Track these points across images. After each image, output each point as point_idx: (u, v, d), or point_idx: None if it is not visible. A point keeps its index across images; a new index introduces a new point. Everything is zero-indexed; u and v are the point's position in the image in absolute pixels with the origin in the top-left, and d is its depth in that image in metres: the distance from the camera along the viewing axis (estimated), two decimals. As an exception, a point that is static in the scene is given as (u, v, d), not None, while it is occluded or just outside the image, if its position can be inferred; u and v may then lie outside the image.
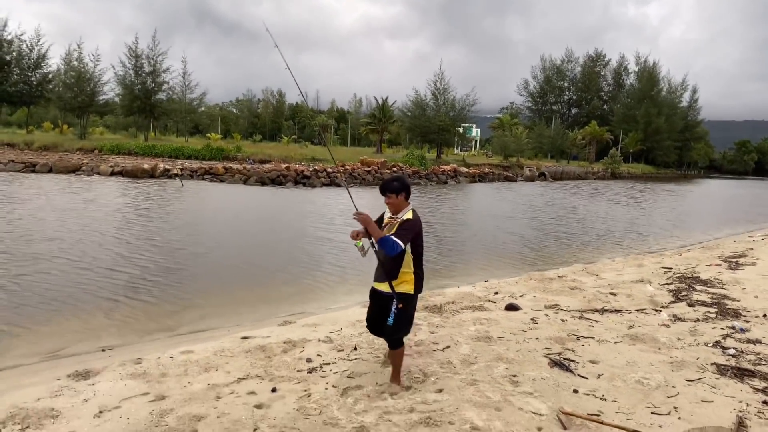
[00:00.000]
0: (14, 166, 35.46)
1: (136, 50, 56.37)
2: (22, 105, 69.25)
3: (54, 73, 62.49)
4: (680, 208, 35.39)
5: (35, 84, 62.73)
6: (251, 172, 36.78)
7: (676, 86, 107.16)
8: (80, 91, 56.24)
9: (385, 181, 4.71)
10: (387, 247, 4.34)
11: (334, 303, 9.19)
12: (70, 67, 58.52)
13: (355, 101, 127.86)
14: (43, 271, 10.53)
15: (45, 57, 61.85)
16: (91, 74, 57.47)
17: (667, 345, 6.19)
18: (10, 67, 61.73)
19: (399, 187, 4.64)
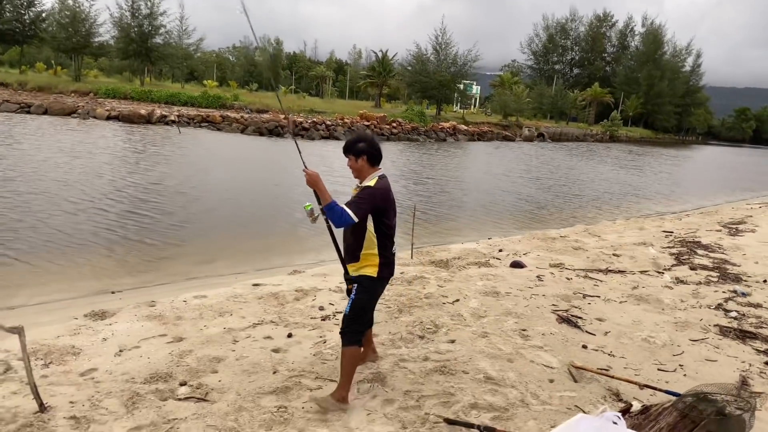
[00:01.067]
0: (8, 107, 34.95)
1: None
2: (14, 44, 67.82)
3: (48, 12, 61.00)
4: (678, 173, 35.48)
5: (28, 22, 61.28)
6: (249, 121, 36.42)
7: (680, 50, 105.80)
8: (75, 32, 54.98)
9: (348, 140, 3.91)
10: (334, 217, 3.53)
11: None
12: (64, 6, 57.02)
13: (355, 53, 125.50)
14: (47, 213, 10.54)
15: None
16: (86, 15, 56.08)
17: (670, 306, 6.32)
18: (2, 4, 60.16)
19: (360, 149, 3.76)
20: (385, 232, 3.76)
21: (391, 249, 3.83)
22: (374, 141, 3.87)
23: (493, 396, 3.92)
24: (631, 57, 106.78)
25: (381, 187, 3.70)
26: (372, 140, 3.85)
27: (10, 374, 4.08)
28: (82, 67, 58.63)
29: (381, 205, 3.68)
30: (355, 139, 3.86)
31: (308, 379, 4.09)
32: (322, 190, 3.63)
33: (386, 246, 3.78)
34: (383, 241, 3.75)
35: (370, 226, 3.70)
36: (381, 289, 3.92)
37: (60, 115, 34.63)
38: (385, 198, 3.72)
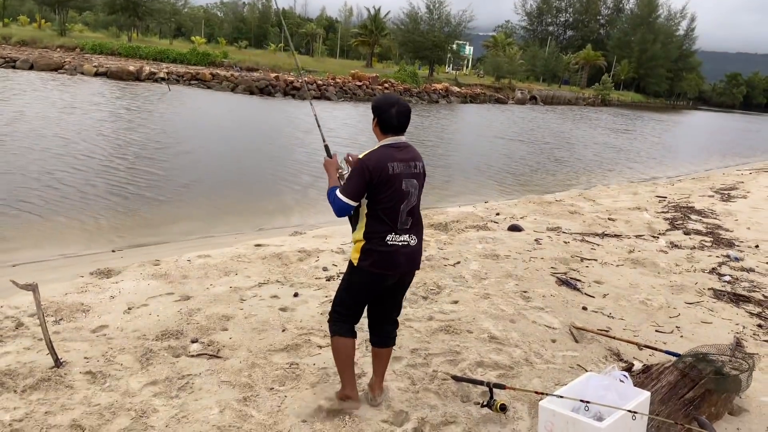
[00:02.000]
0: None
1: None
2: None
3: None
4: (669, 138, 35.62)
5: (11, -27, 59.49)
6: (239, 80, 36.02)
7: (675, 13, 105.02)
8: (60, -17, 53.61)
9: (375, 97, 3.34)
10: (331, 204, 3.06)
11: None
12: (48, -44, 55.42)
13: (346, 10, 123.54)
14: (44, 170, 10.47)
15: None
16: (71, -35, 54.56)
17: (666, 270, 6.45)
18: (-17, -47, 58.25)
19: (373, 109, 3.14)
20: (378, 215, 3.04)
21: (387, 236, 3.04)
22: (390, 103, 3.09)
23: (498, 355, 4.03)
24: (625, 20, 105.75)
25: (375, 157, 3.01)
26: (388, 102, 3.10)
27: (22, 330, 4.13)
28: (67, 21, 57.21)
29: (372, 179, 2.96)
30: (376, 98, 3.24)
31: (317, 337, 4.18)
32: (329, 176, 3.22)
33: (377, 231, 3.04)
34: (373, 224, 3.05)
35: (363, 204, 3.09)
36: (370, 284, 3.15)
37: (46, 70, 34.08)
38: (378, 170, 2.96)
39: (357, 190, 2.99)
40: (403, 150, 3.09)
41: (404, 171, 3.04)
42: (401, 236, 3.07)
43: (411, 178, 3.07)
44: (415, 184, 3.08)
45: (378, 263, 3.06)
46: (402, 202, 3.04)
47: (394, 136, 3.10)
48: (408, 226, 3.09)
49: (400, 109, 3.07)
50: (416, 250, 3.17)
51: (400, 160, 3.04)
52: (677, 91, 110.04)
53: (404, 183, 3.03)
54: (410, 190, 3.06)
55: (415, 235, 3.15)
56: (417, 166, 3.12)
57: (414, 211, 3.12)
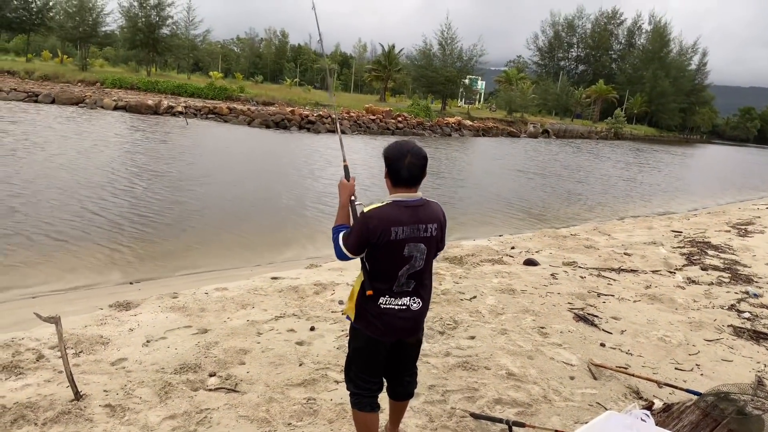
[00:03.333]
0: (16, 95, 35.13)
1: (140, -19, 54.99)
2: (21, 32, 67.80)
3: (55, 1, 61.07)
4: (683, 171, 35.50)
5: (35, 11, 61.35)
6: (255, 114, 36.54)
7: (686, 48, 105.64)
8: (82, 21, 55.16)
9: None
10: (332, 240, 2.85)
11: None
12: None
13: (360, 46, 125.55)
14: (63, 202, 10.63)
15: (46, -18, 60.30)
16: (93, 4, 56.17)
17: (684, 306, 6.39)
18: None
19: (384, 158, 2.81)
20: (374, 274, 2.78)
21: (380, 298, 2.78)
22: (402, 153, 2.74)
23: (516, 392, 4.00)
24: (637, 55, 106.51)
25: (378, 215, 2.69)
26: (400, 151, 2.75)
27: (43, 362, 4.17)
28: (88, 57, 58.68)
29: (372, 239, 2.68)
30: (389, 146, 2.85)
31: (334, 372, 4.17)
32: (340, 205, 2.97)
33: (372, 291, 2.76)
34: (370, 283, 2.78)
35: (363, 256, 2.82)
36: (370, 347, 2.88)
37: (67, 104, 34.80)
38: (379, 233, 2.66)
39: (357, 245, 2.74)
40: (413, 209, 2.74)
41: (410, 235, 2.71)
42: (398, 299, 2.79)
43: (418, 243, 2.73)
44: (422, 249, 2.75)
45: (371, 327, 2.83)
46: (401, 267, 2.74)
47: (407, 190, 2.76)
48: (410, 289, 2.80)
49: (413, 160, 2.72)
50: (417, 314, 2.87)
51: (407, 222, 2.70)
52: (690, 125, 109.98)
53: (407, 248, 2.72)
54: (414, 255, 2.73)
55: (419, 299, 2.84)
56: (428, 229, 2.76)
57: (418, 274, 2.80)
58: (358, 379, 2.95)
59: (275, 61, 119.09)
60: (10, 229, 8.80)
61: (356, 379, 2.96)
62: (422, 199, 2.81)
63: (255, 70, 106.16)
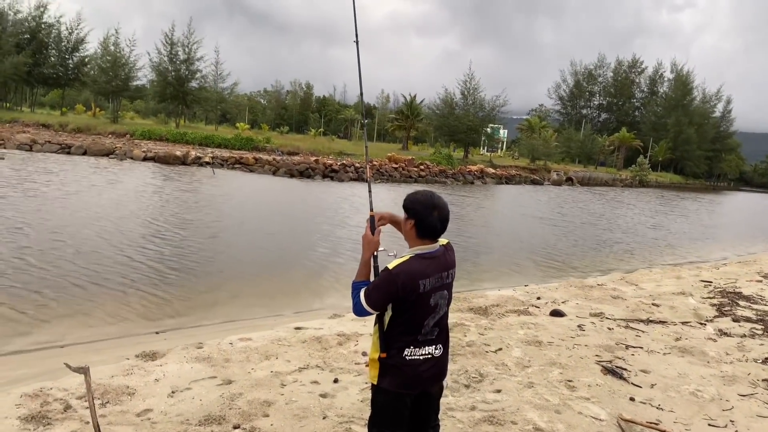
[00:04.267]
0: (50, 147, 36.28)
1: (171, 38, 57.19)
2: (57, 87, 70.62)
3: (90, 57, 63.65)
4: (711, 219, 35.00)
5: (71, 67, 63.94)
6: (281, 163, 37.16)
7: (710, 96, 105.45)
8: (115, 76, 57.24)
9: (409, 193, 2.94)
10: (352, 296, 2.85)
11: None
12: (106, 51, 59.50)
13: (383, 97, 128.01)
14: (84, 252, 10.83)
15: (83, 41, 63.01)
16: (126, 59, 58.38)
17: (716, 359, 6.23)
18: (48, 49, 62.96)
19: (409, 208, 2.85)
20: (399, 327, 2.77)
21: (405, 349, 2.77)
22: (431, 206, 2.80)
23: (544, 448, 3.92)
24: (659, 102, 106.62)
25: (406, 270, 2.70)
26: (428, 204, 2.81)
27: (70, 413, 4.21)
28: (119, 109, 60.66)
29: (401, 294, 2.68)
30: (412, 194, 2.90)
31: (358, 426, 4.13)
32: (362, 262, 2.95)
33: (396, 343, 2.77)
34: (392, 335, 2.78)
35: (386, 316, 2.80)
36: (396, 403, 2.83)
37: (98, 155, 35.79)
38: (408, 288, 2.68)
39: (382, 302, 2.74)
40: (436, 260, 2.80)
41: (435, 285, 2.77)
42: (423, 348, 2.81)
43: (441, 290, 2.81)
44: (445, 296, 2.84)
45: (397, 382, 2.79)
46: (428, 317, 2.78)
47: (431, 242, 2.83)
48: (434, 336, 2.84)
49: (442, 214, 2.80)
50: (440, 360, 2.90)
51: (431, 273, 2.76)
52: (717, 172, 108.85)
53: (433, 298, 2.76)
54: (439, 303, 2.80)
55: (441, 344, 2.89)
56: (449, 275, 2.86)
57: (441, 321, 2.86)
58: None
59: (300, 112, 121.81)
60: (39, 279, 8.98)
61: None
62: (442, 248, 2.87)
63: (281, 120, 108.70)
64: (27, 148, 35.48)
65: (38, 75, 62.67)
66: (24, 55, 58.34)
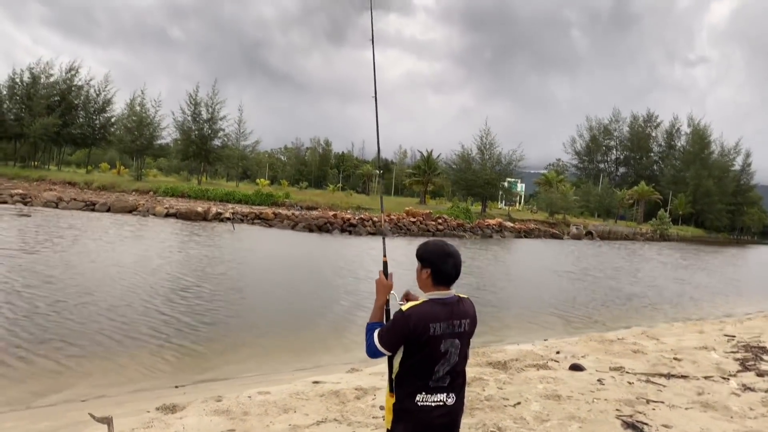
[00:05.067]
0: (75, 204, 37.15)
1: (195, 98, 58.97)
2: (84, 146, 72.74)
3: (117, 117, 65.77)
4: (734, 273, 34.44)
5: (98, 127, 66.02)
6: (299, 218, 37.59)
7: (728, 149, 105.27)
8: (140, 135, 58.90)
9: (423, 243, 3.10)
10: (365, 337, 2.96)
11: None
12: (132, 111, 61.47)
13: (400, 152, 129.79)
14: (106, 307, 11.00)
15: (110, 102, 65.27)
16: (151, 119, 60.21)
17: (740, 414, 6.12)
18: (77, 110, 65.24)
19: (425, 258, 2.97)
20: (410, 371, 2.84)
21: (417, 395, 2.83)
22: (445, 254, 2.95)
23: (563, 503, 3.87)
24: (677, 157, 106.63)
25: (418, 312, 2.81)
26: (442, 253, 2.95)
27: (91, 465, 4.27)
28: (143, 167, 62.17)
29: (411, 336, 2.79)
30: (425, 243, 3.05)
31: (376, 480, 4.13)
32: (377, 305, 3.06)
33: (408, 389, 2.84)
34: (404, 380, 2.85)
35: (396, 360, 2.87)
36: None
37: (122, 212, 36.53)
38: (419, 330, 2.78)
39: (394, 342, 2.83)
40: (449, 306, 2.90)
41: (446, 331, 2.85)
42: (435, 395, 2.85)
43: (453, 338, 2.87)
44: (456, 344, 2.88)
45: (410, 429, 2.83)
46: (437, 362, 2.84)
47: (444, 289, 2.93)
48: (445, 384, 2.87)
49: (456, 261, 2.95)
50: (453, 410, 2.91)
51: (444, 319, 2.85)
52: (740, 226, 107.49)
53: (443, 344, 2.84)
54: (450, 350, 2.86)
55: (455, 394, 2.91)
56: (462, 324, 2.92)
57: (454, 370, 2.90)
58: None
59: (319, 167, 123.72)
60: (59, 333, 9.13)
61: None
62: (456, 296, 2.96)
63: (300, 176, 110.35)
64: (53, 205, 36.38)
65: (66, 135, 64.81)
66: (54, 117, 60.55)
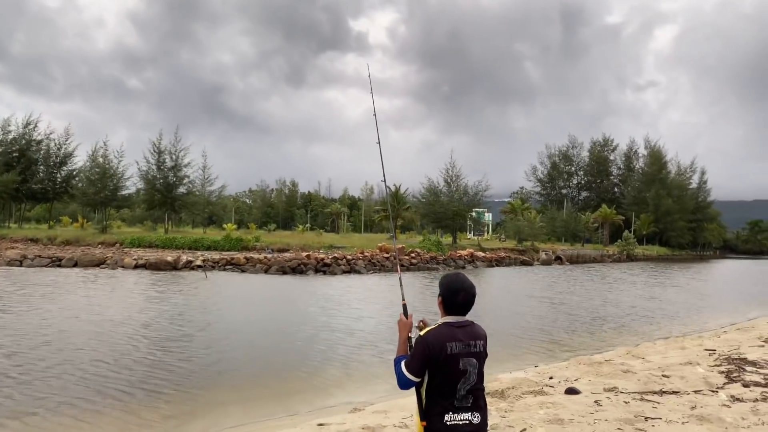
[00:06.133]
0: (41, 261, 36.28)
1: (159, 146, 58.55)
2: (45, 201, 71.17)
3: (78, 170, 64.69)
4: (703, 288, 35.33)
5: (59, 181, 64.83)
6: (272, 261, 37.33)
7: (684, 168, 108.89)
8: (103, 187, 58.05)
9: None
10: (395, 372, 3.24)
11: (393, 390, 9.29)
12: (95, 163, 60.68)
13: (367, 189, 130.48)
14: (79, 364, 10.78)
15: (71, 155, 64.24)
16: (114, 170, 59.48)
17: (733, 425, 6.32)
18: (36, 165, 64.06)
19: (440, 287, 3.35)
20: (436, 393, 3.14)
21: (445, 415, 3.11)
22: (457, 289, 3.25)
23: None
24: (636, 178, 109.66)
25: (434, 334, 3.15)
26: (455, 287, 3.26)
27: None
28: (107, 219, 61.13)
29: (433, 356, 3.09)
30: (445, 275, 3.40)
31: None
32: (401, 340, 3.37)
33: (436, 409, 3.12)
34: (432, 402, 3.14)
35: (423, 387, 3.18)
36: None
37: (89, 266, 35.79)
38: (437, 349, 3.09)
39: (419, 367, 3.11)
40: (463, 329, 3.20)
41: (463, 351, 3.12)
42: (461, 414, 3.11)
43: (470, 357, 3.13)
44: (474, 363, 3.15)
45: None
46: (459, 380, 3.11)
47: (458, 316, 3.25)
48: (469, 404, 3.13)
49: (466, 297, 3.24)
50: (479, 428, 3.16)
51: (459, 339, 3.14)
52: (701, 242, 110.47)
53: (461, 362, 3.11)
54: (468, 369, 3.12)
55: (479, 414, 3.16)
56: (477, 345, 3.19)
57: (475, 389, 3.15)
58: None
59: (286, 208, 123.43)
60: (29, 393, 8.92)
61: None
62: (469, 321, 3.29)
63: (267, 219, 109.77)
64: (17, 263, 35.50)
65: (26, 191, 63.45)
66: (13, 173, 59.30)
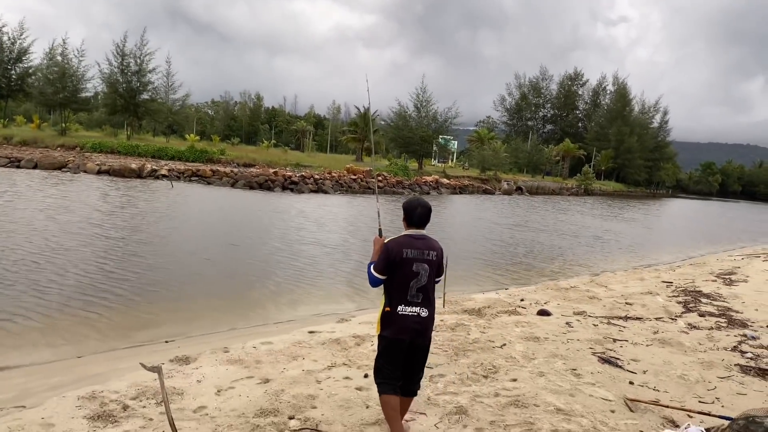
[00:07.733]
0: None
1: (123, 49, 56.00)
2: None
3: (35, 68, 61.57)
4: (656, 224, 36.84)
5: (15, 78, 61.76)
6: (239, 175, 37.09)
7: (648, 107, 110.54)
8: (63, 87, 55.66)
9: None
10: (367, 272, 4.14)
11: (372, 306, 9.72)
12: (53, 62, 57.84)
13: (334, 108, 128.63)
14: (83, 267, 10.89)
15: (27, 51, 60.89)
16: (74, 70, 56.92)
17: (692, 348, 6.95)
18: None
19: (403, 206, 4.16)
20: (393, 289, 3.96)
21: (398, 306, 3.94)
22: (414, 206, 4.07)
23: (569, 424, 4.46)
24: (601, 114, 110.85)
25: (396, 242, 3.97)
26: (413, 204, 4.09)
27: (130, 411, 4.51)
28: (66, 121, 58.95)
29: (393, 259, 3.92)
30: (407, 199, 4.21)
31: (401, 413, 4.57)
32: (374, 251, 4.14)
33: (392, 302, 3.95)
34: (390, 296, 3.97)
35: (386, 283, 4.02)
36: (391, 348, 3.99)
37: (50, 169, 34.91)
38: (395, 253, 3.91)
39: (383, 266, 3.97)
40: (420, 240, 4.04)
41: (417, 256, 3.96)
42: (411, 307, 3.95)
43: (422, 263, 3.96)
44: (425, 268, 3.97)
45: (393, 330, 3.95)
46: (411, 280, 3.94)
47: (416, 229, 4.09)
48: (419, 300, 3.96)
49: (422, 211, 4.08)
50: (425, 320, 3.99)
51: (416, 248, 3.98)
52: (656, 180, 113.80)
53: (415, 265, 3.94)
54: (420, 272, 3.94)
55: (426, 309, 3.99)
56: (430, 254, 4.01)
57: (425, 289, 3.97)
58: (385, 370, 4.03)
59: (250, 123, 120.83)
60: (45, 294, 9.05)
61: (383, 369, 4.03)
62: (425, 235, 4.12)
63: (230, 132, 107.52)
64: (-27, 163, 34.37)
65: (-22, 87, 60.40)
66: (-37, 67, 56.20)
